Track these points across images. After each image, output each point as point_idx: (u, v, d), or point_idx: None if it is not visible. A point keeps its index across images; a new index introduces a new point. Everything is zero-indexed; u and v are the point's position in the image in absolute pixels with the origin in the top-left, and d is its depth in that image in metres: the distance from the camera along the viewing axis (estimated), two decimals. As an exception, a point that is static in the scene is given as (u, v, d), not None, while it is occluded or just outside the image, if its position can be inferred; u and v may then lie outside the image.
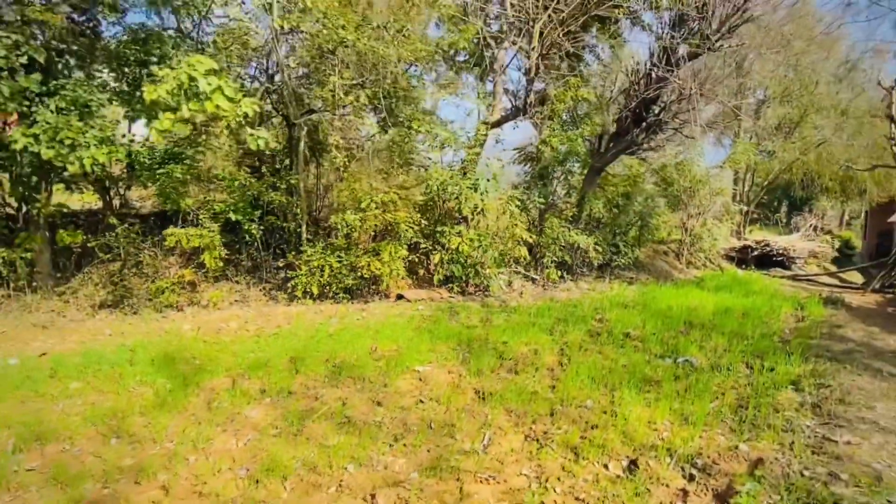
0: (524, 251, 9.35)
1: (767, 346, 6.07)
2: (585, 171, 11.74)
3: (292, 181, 8.01)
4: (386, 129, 8.75)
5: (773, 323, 7.48)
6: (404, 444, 3.74)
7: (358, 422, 4.10)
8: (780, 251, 16.50)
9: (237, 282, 9.25)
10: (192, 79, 5.09)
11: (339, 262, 8.33)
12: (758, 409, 4.09)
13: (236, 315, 7.67)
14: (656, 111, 9.58)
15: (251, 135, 5.58)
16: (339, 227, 8.18)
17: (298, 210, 8.27)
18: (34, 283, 7.78)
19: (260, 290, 9.16)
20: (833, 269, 17.87)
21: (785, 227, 23.38)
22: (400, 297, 8.73)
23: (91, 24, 7.61)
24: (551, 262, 10.70)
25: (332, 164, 8.01)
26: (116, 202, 9.26)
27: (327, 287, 8.54)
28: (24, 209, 7.54)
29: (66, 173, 8.30)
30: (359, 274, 8.23)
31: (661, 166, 14.94)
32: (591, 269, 11.80)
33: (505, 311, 8.04)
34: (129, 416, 4.25)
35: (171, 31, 7.01)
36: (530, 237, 9.81)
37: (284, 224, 8.85)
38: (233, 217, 8.01)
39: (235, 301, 8.86)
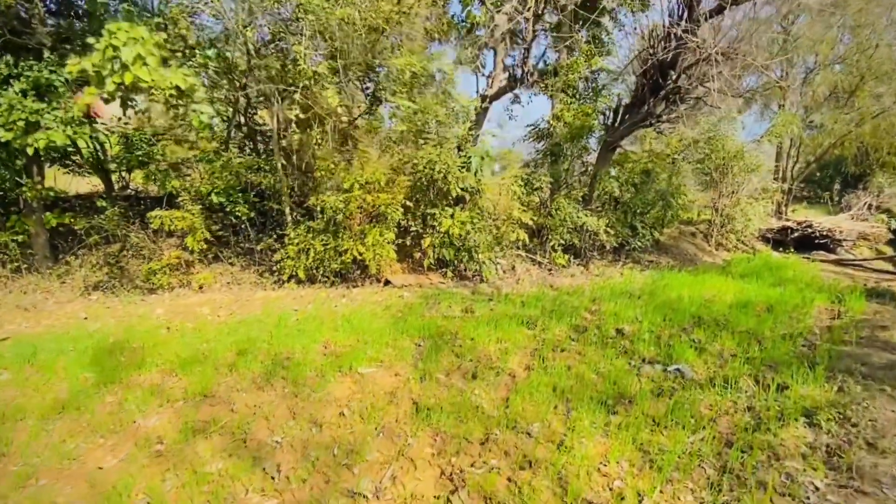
0: (522, 234, 8.22)
1: (786, 353, 4.76)
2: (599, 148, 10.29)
3: (273, 161, 7.25)
4: (375, 105, 7.79)
5: (800, 320, 6.05)
6: (287, 478, 2.91)
7: (254, 442, 3.32)
8: (824, 233, 14.26)
9: (232, 263, 8.72)
10: (115, 48, 4.37)
11: (325, 245, 7.56)
12: (749, 452, 2.94)
13: (213, 300, 7.10)
14: (674, 77, 8.01)
15: (193, 111, 4.80)
16: (322, 209, 7.37)
17: (282, 191, 7.51)
18: (32, 265, 7.53)
19: (253, 272, 8.59)
20: (890, 252, 15.38)
21: (835, 206, 20.55)
22: (388, 282, 7.89)
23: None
24: (558, 246, 9.50)
25: (313, 141, 7.14)
26: (118, 186, 8.86)
27: (315, 271, 7.83)
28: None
29: (53, 155, 8.02)
30: (343, 258, 7.43)
31: (692, 141, 13.13)
32: (604, 253, 10.47)
33: (493, 300, 7.03)
34: (24, 418, 3.69)
35: (125, 5, 6.32)
36: (531, 219, 8.64)
37: (275, 206, 8.16)
38: (214, 199, 7.37)
39: (227, 283, 8.34)
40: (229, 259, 8.65)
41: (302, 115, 6.83)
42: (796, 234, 14.43)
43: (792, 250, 13.64)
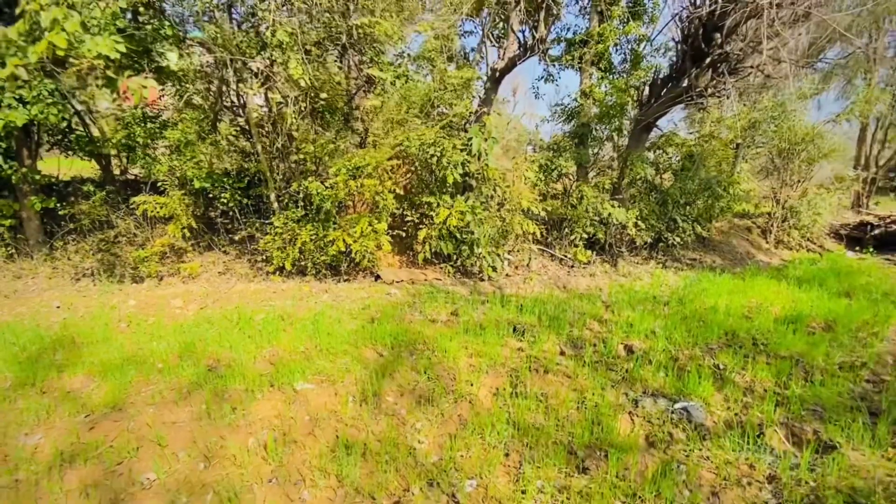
0: (532, 226, 7.27)
1: (840, 393, 3.65)
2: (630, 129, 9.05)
3: (257, 145, 6.74)
4: (373, 82, 7.07)
5: (867, 345, 4.81)
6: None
7: (123, 479, 2.76)
8: (915, 230, 12.16)
9: (226, 252, 8.38)
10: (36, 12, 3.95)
11: (312, 236, 7.00)
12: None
13: (190, 292, 6.74)
14: (720, 40, 6.65)
15: (135, 85, 4.30)
16: (307, 196, 6.80)
17: (266, 176, 7.00)
18: (24, 251, 7.50)
19: (246, 262, 8.21)
20: None
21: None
22: (378, 277, 7.24)
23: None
24: (580, 240, 8.46)
25: (289, 121, 6.53)
26: (118, 170, 8.72)
27: (303, 262, 7.31)
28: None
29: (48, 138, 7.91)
30: (330, 250, 6.84)
31: (751, 122, 11.49)
32: (637, 250, 9.28)
33: (488, 302, 6.20)
34: None
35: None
36: (545, 209, 7.67)
37: (265, 192, 7.69)
38: (197, 184, 6.98)
39: (218, 273, 7.99)
40: (223, 248, 8.32)
41: (294, 94, 6.24)
42: (877, 231, 12.39)
43: (871, 250, 11.70)
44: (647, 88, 8.43)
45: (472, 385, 3.84)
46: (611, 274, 8.07)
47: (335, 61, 6.55)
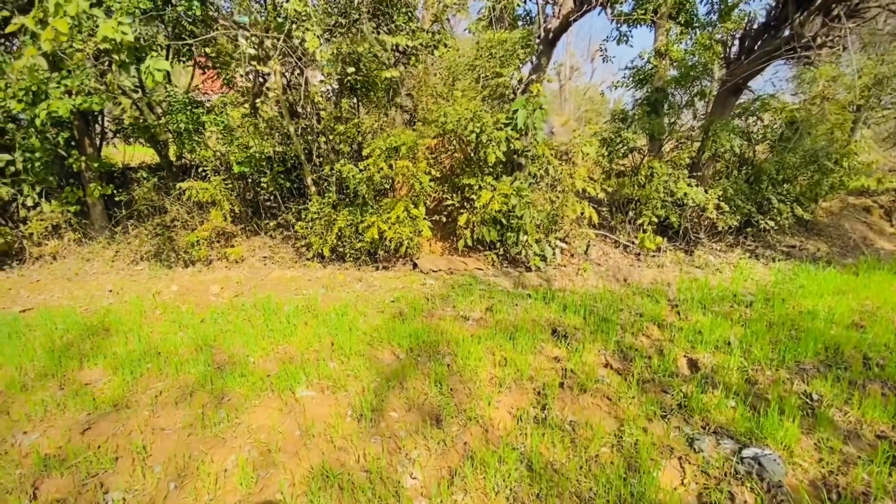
0: (589, 210, 6.42)
1: None
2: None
3: (289, 126, 6.50)
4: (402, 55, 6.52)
5: None
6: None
7: (92, 495, 2.59)
8: None
9: (272, 236, 8.43)
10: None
11: (349, 221, 6.73)
12: None
13: (230, 277, 6.77)
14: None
15: (146, 67, 4.14)
16: (341, 180, 6.50)
17: (301, 159, 6.78)
18: (89, 234, 7.99)
19: (291, 247, 8.19)
20: None
21: None
22: (415, 265, 6.84)
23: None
24: (650, 224, 7.44)
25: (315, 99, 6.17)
26: (173, 157, 9.02)
27: (342, 248, 7.09)
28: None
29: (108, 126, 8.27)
30: (365, 236, 6.52)
31: (878, 79, 9.48)
32: (720, 235, 8.04)
33: (532, 298, 5.56)
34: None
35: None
36: (604, 189, 6.76)
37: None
38: (236, 169, 6.94)
39: (264, 258, 8.06)
40: (269, 232, 8.36)
41: (322, 70, 5.91)
42: None
43: None
44: (736, 43, 7.05)
45: (489, 404, 3.31)
46: (683, 265, 7.01)
47: (373, 32, 6.09)
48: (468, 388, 3.54)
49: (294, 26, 5.03)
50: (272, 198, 7.67)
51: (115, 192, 7.65)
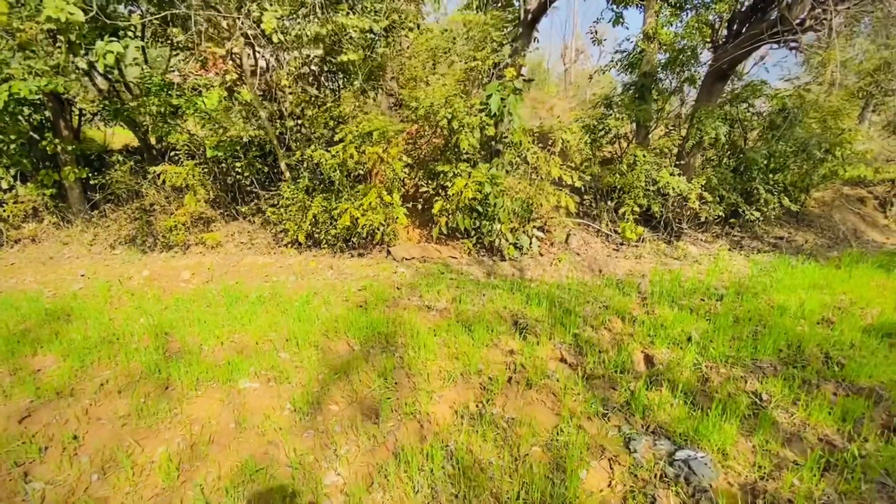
0: (566, 199, 6.28)
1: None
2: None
3: (259, 111, 6.37)
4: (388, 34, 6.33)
5: None
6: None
7: (11, 485, 2.58)
8: None
9: (251, 222, 8.36)
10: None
11: (324, 207, 6.64)
12: None
13: (202, 263, 6.74)
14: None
15: (98, 49, 4.02)
16: (312, 165, 6.39)
17: (274, 143, 6.67)
18: (67, 218, 7.96)
19: (270, 232, 8.13)
20: None
21: None
22: (389, 252, 6.76)
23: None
24: (632, 214, 7.29)
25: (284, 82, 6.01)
26: (154, 140, 8.92)
27: (318, 235, 7.02)
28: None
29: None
30: (339, 223, 6.44)
31: (880, 64, 9.16)
32: (705, 226, 7.89)
33: (499, 288, 5.48)
34: None
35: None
36: (582, 178, 6.61)
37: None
38: (209, 153, 6.84)
39: (242, 243, 8.02)
40: (248, 218, 8.29)
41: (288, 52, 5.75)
42: None
43: None
44: (727, 25, 6.78)
45: (430, 399, 3.26)
46: (662, 255, 6.89)
47: (347, 13, 5.91)
48: (413, 382, 3.49)
49: (253, 5, 4.86)
50: (251, 183, 7.58)
51: (91, 175, 7.58)
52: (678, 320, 4.41)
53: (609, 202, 7.55)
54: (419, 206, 6.94)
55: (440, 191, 6.50)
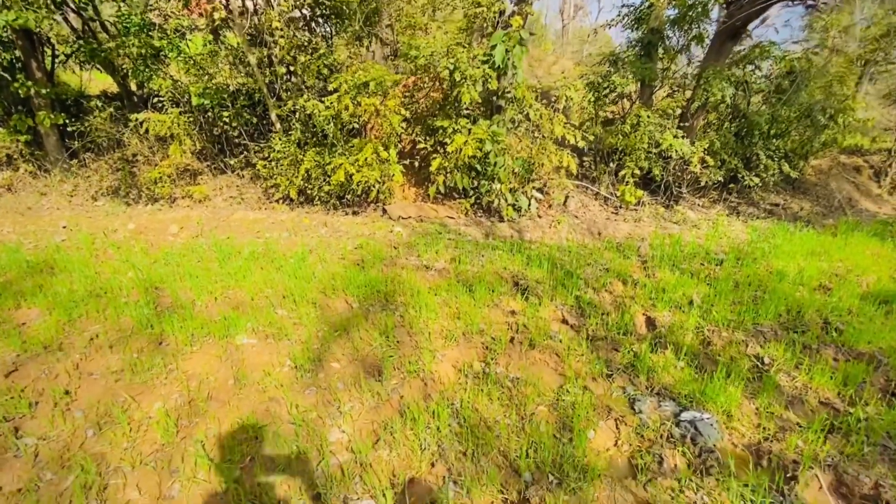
0: (568, 159, 6.13)
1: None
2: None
3: (250, 56, 5.98)
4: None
5: None
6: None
7: (-2, 441, 2.49)
8: None
9: (240, 176, 8.06)
10: None
11: (317, 162, 6.39)
12: None
13: (190, 217, 6.50)
14: None
15: None
16: (313, 116, 6.09)
17: (263, 92, 6.33)
18: (46, 167, 7.58)
19: (260, 186, 7.86)
20: None
21: None
22: (384, 211, 6.59)
23: None
24: (632, 177, 7.17)
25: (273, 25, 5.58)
26: (134, 86, 8.42)
27: (310, 191, 6.79)
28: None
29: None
30: (333, 179, 6.21)
31: (888, 29, 8.93)
32: (703, 190, 7.82)
33: (498, 249, 5.39)
34: None
35: None
36: (585, 138, 6.43)
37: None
38: (195, 101, 6.48)
39: (230, 198, 7.75)
40: (237, 171, 7.98)
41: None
42: None
43: None
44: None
45: (433, 357, 3.21)
46: (661, 220, 6.84)
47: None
48: (415, 341, 3.43)
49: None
50: (239, 134, 7.24)
51: (68, 121, 7.16)
52: (679, 284, 4.39)
53: (610, 164, 7.41)
54: (416, 164, 6.72)
55: (438, 148, 6.27)
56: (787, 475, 2.18)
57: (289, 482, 2.22)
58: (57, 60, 7.79)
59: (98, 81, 10.28)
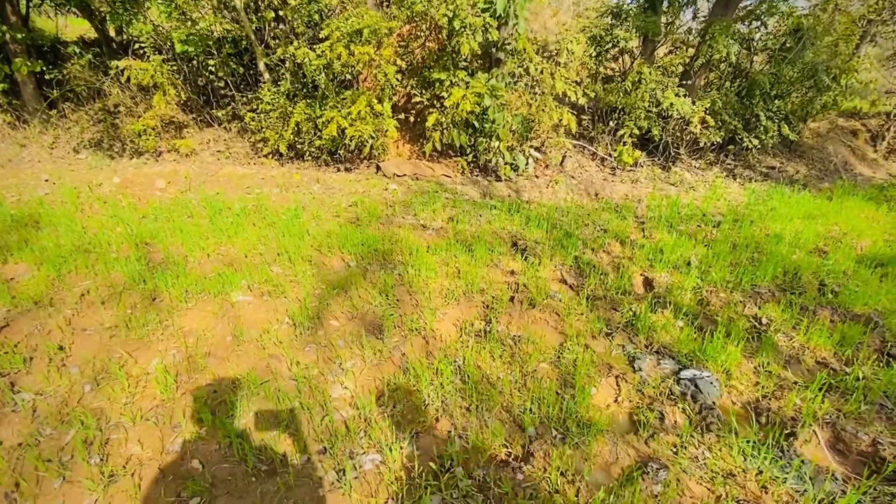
0: (568, 116, 5.95)
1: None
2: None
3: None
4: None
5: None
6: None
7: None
8: None
9: (227, 129, 7.74)
10: None
11: (307, 115, 6.12)
12: None
13: (177, 172, 6.26)
14: None
15: None
16: (303, 65, 5.79)
17: (251, 38, 5.97)
18: (25, 117, 7.19)
19: (248, 140, 7.57)
20: None
21: None
22: (378, 168, 6.41)
23: None
24: (630, 136, 7.02)
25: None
26: (113, 32, 7.91)
27: (300, 145, 6.55)
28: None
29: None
30: (324, 133, 5.98)
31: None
32: (700, 152, 7.71)
33: (497, 209, 5.29)
34: None
35: None
36: (586, 94, 6.22)
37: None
38: (178, 48, 6.11)
39: (218, 152, 7.47)
40: (224, 124, 7.66)
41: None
42: None
43: None
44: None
45: (434, 315, 3.18)
46: (658, 181, 6.76)
47: None
48: (416, 300, 3.39)
49: None
50: (225, 85, 6.89)
51: (45, 69, 6.74)
52: (677, 245, 4.37)
53: (608, 123, 7.23)
54: (410, 119, 6.49)
55: (435, 102, 6.03)
56: (787, 432, 2.22)
57: (293, 437, 2.21)
58: (31, 3, 7.24)
59: (74, 28, 9.65)
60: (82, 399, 2.44)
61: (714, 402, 2.49)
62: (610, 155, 7.25)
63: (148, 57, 6.32)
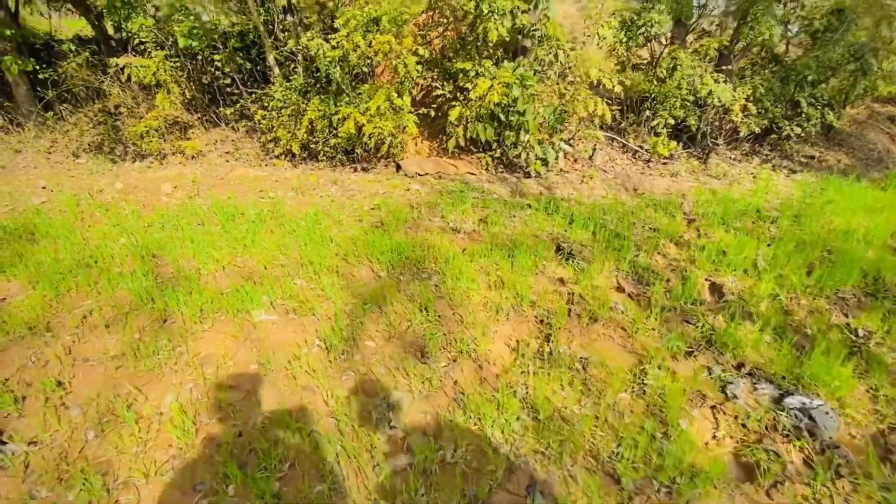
0: (602, 107, 5.55)
1: None
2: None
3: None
4: None
5: None
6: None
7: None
8: None
9: (234, 129, 7.38)
10: None
11: (321, 112, 5.75)
12: None
13: (184, 175, 5.90)
14: None
15: None
16: (316, 58, 5.41)
17: (260, 31, 5.60)
18: (18, 120, 6.86)
19: (257, 141, 7.20)
20: None
21: None
22: (398, 167, 6.03)
23: None
24: (664, 127, 6.60)
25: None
26: (111, 29, 7.56)
27: (314, 145, 6.18)
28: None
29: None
30: (341, 131, 5.60)
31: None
32: (736, 142, 7.28)
33: (532, 208, 4.90)
34: None
35: None
36: (621, 83, 5.81)
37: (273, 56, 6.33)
38: (181, 43, 5.74)
39: (226, 153, 7.11)
40: (231, 124, 7.29)
41: None
42: None
43: None
44: None
45: (483, 334, 2.80)
46: (699, 173, 6.34)
47: None
48: (458, 315, 3.02)
49: None
50: (232, 82, 6.52)
51: (38, 68, 6.40)
52: (738, 245, 3.97)
53: (640, 113, 6.82)
54: (430, 113, 6.10)
55: (458, 94, 5.64)
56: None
57: (339, 496, 1.84)
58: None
59: (70, 28, 9.33)
60: (84, 450, 2.08)
61: (832, 437, 2.10)
62: (642, 147, 6.84)
63: (149, 53, 5.96)
